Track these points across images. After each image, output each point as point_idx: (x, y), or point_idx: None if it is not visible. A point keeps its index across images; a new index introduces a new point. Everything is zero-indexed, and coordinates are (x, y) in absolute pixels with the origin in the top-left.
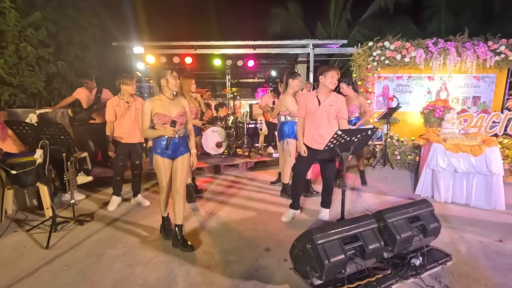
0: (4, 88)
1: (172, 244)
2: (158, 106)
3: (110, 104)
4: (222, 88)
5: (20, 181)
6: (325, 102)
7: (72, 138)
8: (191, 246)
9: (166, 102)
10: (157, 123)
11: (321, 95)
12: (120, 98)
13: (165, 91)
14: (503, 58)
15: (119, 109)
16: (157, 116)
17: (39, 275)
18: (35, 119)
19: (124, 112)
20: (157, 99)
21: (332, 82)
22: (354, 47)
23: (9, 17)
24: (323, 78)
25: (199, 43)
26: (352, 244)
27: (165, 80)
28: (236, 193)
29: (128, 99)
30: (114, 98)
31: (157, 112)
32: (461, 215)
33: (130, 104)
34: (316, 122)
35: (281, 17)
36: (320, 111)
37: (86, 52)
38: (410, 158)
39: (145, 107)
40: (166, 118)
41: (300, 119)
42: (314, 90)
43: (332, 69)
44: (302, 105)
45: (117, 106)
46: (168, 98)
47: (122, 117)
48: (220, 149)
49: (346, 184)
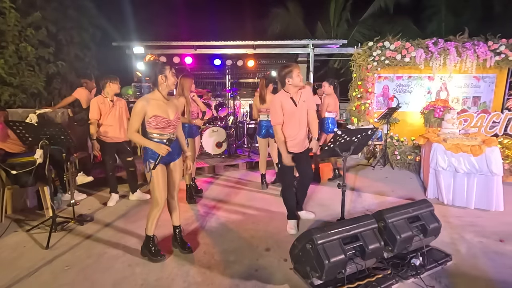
0: (4, 88)
1: (172, 244)
2: (155, 108)
3: (94, 101)
4: (222, 88)
5: (20, 181)
6: (300, 100)
7: (72, 138)
8: (189, 248)
9: (163, 102)
10: (154, 126)
11: (294, 95)
12: (104, 96)
13: (162, 89)
14: (503, 58)
15: (104, 107)
16: (155, 119)
17: (39, 275)
18: (35, 119)
19: (108, 110)
20: (152, 99)
21: (300, 79)
22: (354, 47)
23: (9, 17)
24: (291, 80)
25: (199, 43)
26: (352, 244)
27: (163, 77)
28: (236, 193)
29: (113, 97)
30: (98, 97)
31: (156, 114)
32: (461, 215)
33: (115, 103)
34: (297, 124)
35: (281, 17)
36: (298, 111)
37: (86, 52)
38: (410, 158)
39: (138, 107)
40: (165, 122)
41: (278, 126)
42: (279, 92)
43: (294, 66)
44: (278, 109)
45: (102, 104)
46: (164, 97)
47: (106, 115)
48: (220, 149)
49: (346, 184)
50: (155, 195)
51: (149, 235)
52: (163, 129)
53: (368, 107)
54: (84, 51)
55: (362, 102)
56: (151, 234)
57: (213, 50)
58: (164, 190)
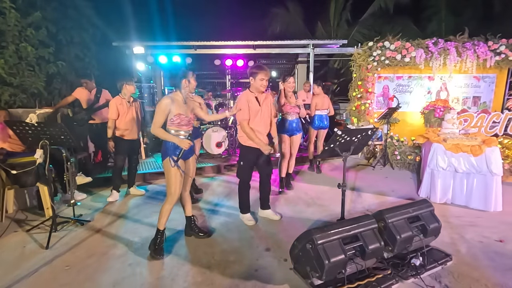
0: (4, 88)
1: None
2: (178, 107)
3: (113, 102)
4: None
5: (20, 181)
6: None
7: (72, 138)
8: (206, 233)
9: (183, 103)
10: (177, 124)
11: (258, 95)
12: (122, 97)
13: (184, 91)
14: (503, 58)
15: (122, 107)
16: (179, 117)
17: (39, 275)
18: (35, 119)
19: (126, 111)
20: (176, 99)
21: (262, 84)
22: (354, 47)
23: (9, 17)
24: (253, 80)
25: (199, 43)
26: (352, 244)
27: (186, 81)
28: (236, 193)
29: (130, 98)
30: (116, 98)
31: (180, 113)
32: (461, 215)
33: (132, 103)
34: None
35: (281, 17)
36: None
37: (86, 52)
38: (410, 158)
39: (163, 104)
40: (186, 120)
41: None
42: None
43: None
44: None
45: (120, 105)
46: (185, 98)
47: (124, 115)
48: (220, 149)
49: (346, 184)
50: (171, 189)
51: (160, 229)
52: (184, 126)
53: (368, 107)
54: (84, 51)
55: (362, 102)
56: (162, 228)
57: (213, 50)
58: (181, 184)
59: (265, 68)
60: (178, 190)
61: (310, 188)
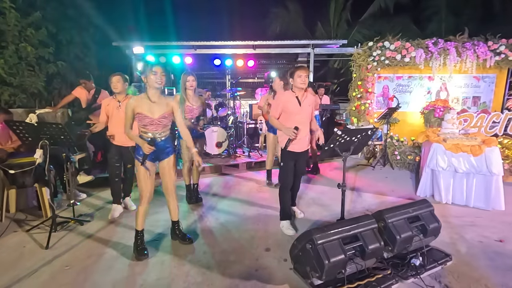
0: (4, 88)
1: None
2: (140, 105)
3: (103, 103)
4: (222, 88)
5: (18, 182)
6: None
7: (72, 138)
8: (189, 239)
9: (149, 101)
10: (141, 125)
11: (299, 94)
12: (112, 97)
13: (147, 89)
14: (503, 58)
15: (109, 108)
16: (138, 116)
17: (39, 275)
18: (35, 119)
19: (112, 111)
20: (143, 98)
21: (302, 81)
22: (354, 47)
23: (9, 17)
24: (292, 80)
25: (199, 43)
26: (352, 244)
27: (144, 78)
28: (236, 193)
29: (120, 97)
30: (107, 98)
31: (138, 112)
32: (461, 215)
33: (122, 103)
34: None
35: (281, 17)
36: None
37: (86, 52)
38: (410, 158)
39: (127, 105)
40: (146, 120)
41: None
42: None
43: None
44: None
45: (108, 105)
46: (152, 97)
47: (111, 117)
48: (220, 149)
49: (346, 184)
50: (140, 189)
51: (138, 230)
52: (149, 126)
53: (368, 107)
54: (84, 51)
55: (362, 102)
56: (139, 229)
57: (213, 50)
58: (146, 184)
59: (302, 65)
60: (146, 190)
61: (310, 188)
